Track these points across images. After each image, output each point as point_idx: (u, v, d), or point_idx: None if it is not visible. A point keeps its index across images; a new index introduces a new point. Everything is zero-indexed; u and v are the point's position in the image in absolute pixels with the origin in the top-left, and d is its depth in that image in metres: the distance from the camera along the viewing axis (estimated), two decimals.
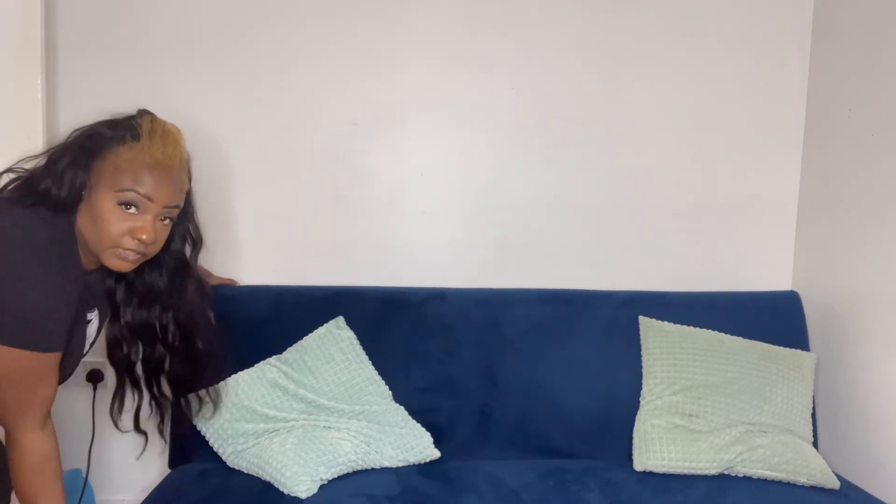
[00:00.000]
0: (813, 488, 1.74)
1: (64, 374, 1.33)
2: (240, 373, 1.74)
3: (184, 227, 1.45)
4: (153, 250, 1.33)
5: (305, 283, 1.92)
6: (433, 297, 1.91)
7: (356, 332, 1.82)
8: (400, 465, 1.71)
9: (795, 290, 2.12)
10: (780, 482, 1.74)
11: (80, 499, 1.72)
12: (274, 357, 1.78)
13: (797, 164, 2.14)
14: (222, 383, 1.68)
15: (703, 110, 2.08)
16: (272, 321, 1.82)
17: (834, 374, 2.00)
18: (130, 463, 1.87)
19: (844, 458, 1.95)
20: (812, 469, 1.74)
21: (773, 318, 2.01)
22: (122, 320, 1.45)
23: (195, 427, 1.69)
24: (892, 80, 1.81)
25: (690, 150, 2.09)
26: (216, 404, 1.65)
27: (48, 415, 1.31)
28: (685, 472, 1.72)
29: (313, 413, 1.73)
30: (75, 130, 1.31)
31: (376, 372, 1.81)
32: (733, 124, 2.10)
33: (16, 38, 1.60)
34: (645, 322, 1.93)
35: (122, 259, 1.27)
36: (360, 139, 1.91)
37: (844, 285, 1.96)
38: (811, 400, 1.91)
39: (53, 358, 1.24)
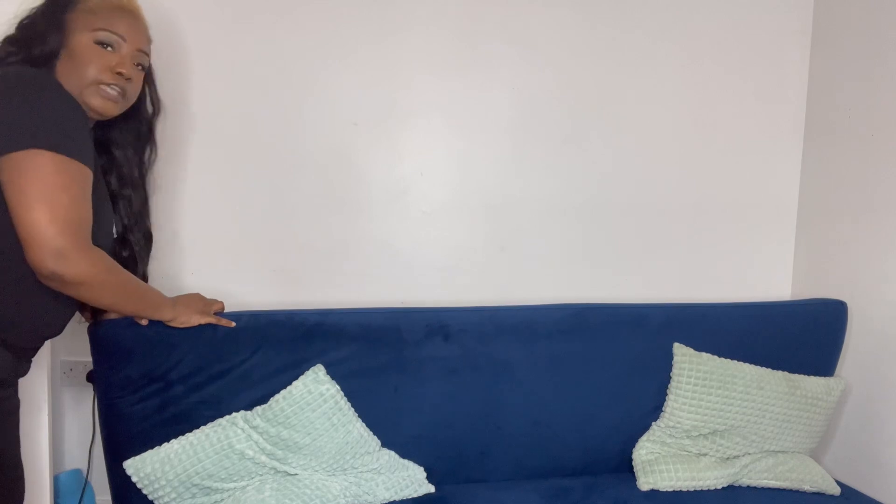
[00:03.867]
0: (815, 495, 1.75)
1: (98, 234, 1.29)
2: (197, 434, 1.47)
3: (149, 91, 1.53)
4: (132, 91, 1.38)
5: (297, 286, 1.89)
6: (433, 334, 1.66)
7: (337, 377, 1.56)
8: (394, 501, 1.58)
9: (794, 293, 2.12)
10: (785, 490, 1.75)
11: (81, 499, 1.72)
12: (241, 416, 1.51)
13: (797, 165, 2.14)
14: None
15: (704, 110, 2.08)
16: (232, 369, 1.55)
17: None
18: None
19: (843, 463, 1.95)
20: (814, 476, 1.76)
21: (815, 330, 1.91)
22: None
23: (140, 494, 1.51)
24: (892, 81, 1.81)
25: (691, 151, 2.08)
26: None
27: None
28: (692, 489, 1.72)
29: (294, 480, 1.51)
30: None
31: (365, 427, 1.58)
32: (733, 125, 2.10)
33: None
34: (680, 351, 1.79)
35: (106, 98, 1.31)
36: (360, 139, 1.91)
37: (844, 287, 1.96)
38: (826, 427, 1.87)
39: (86, 173, 1.20)
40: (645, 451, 1.76)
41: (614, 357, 1.78)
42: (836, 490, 1.77)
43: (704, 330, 1.84)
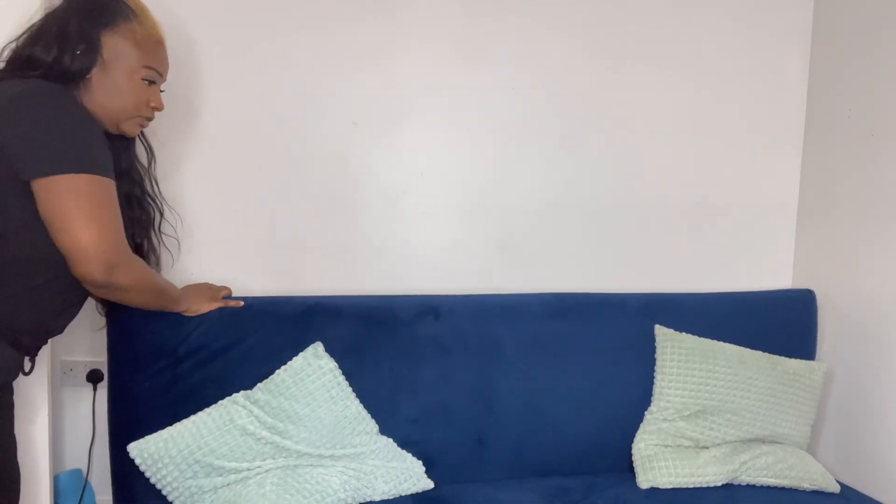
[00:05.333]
0: (814, 493, 1.75)
1: None
2: (199, 415, 1.53)
3: None
4: None
5: (298, 286, 1.89)
6: (425, 313, 1.75)
7: (335, 355, 1.63)
8: (392, 498, 1.59)
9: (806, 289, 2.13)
10: (784, 489, 1.75)
11: (81, 499, 1.72)
12: (242, 394, 1.57)
13: (797, 164, 2.14)
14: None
15: (704, 110, 2.08)
16: (235, 345, 1.63)
17: (836, 375, 2.00)
18: None
19: (841, 462, 1.95)
20: (814, 473, 1.76)
21: (787, 318, 1.99)
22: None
23: (145, 480, 1.53)
24: (892, 80, 1.81)
25: (691, 150, 2.09)
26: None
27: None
28: (692, 486, 1.72)
29: (291, 458, 1.54)
30: (56, 7, 1.34)
31: (362, 406, 1.64)
32: (733, 124, 2.10)
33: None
34: (661, 332, 1.86)
35: (140, 126, 1.43)
36: (360, 139, 1.91)
37: (845, 285, 1.97)
38: (815, 413, 1.90)
39: (114, 186, 1.28)
40: (644, 445, 1.77)
41: (596, 337, 1.84)
42: (836, 488, 1.77)
43: (679, 319, 1.91)
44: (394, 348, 1.72)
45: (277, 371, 1.61)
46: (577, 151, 2.02)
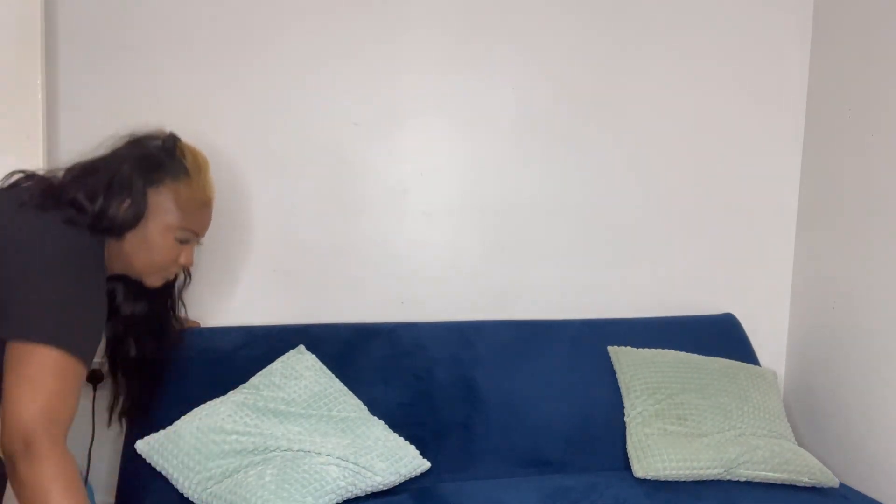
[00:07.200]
0: (814, 489, 1.75)
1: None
2: (200, 405, 1.62)
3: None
4: None
5: (298, 285, 1.92)
6: (399, 328, 1.91)
7: (327, 362, 1.77)
8: (392, 478, 1.59)
9: (794, 292, 2.12)
10: (783, 484, 1.75)
11: None
12: (238, 387, 1.69)
13: (797, 165, 2.14)
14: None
15: (704, 110, 2.08)
16: (232, 358, 1.76)
17: (835, 377, 2.00)
18: None
19: (840, 462, 1.95)
20: (812, 468, 1.75)
21: (720, 340, 2.05)
22: (121, 315, 1.46)
23: (147, 463, 1.55)
24: (893, 80, 1.81)
25: (690, 152, 2.09)
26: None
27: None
28: (688, 473, 1.71)
29: (289, 423, 1.61)
30: (116, 149, 1.31)
31: (348, 389, 1.75)
32: (733, 125, 2.10)
33: (16, 38, 1.60)
34: (613, 349, 1.97)
35: (164, 280, 1.37)
36: (361, 139, 1.91)
37: (845, 287, 1.97)
38: (783, 409, 1.92)
39: (84, 372, 1.13)
40: (636, 438, 1.78)
41: (553, 342, 1.95)
42: (835, 482, 1.76)
43: (615, 335, 2.00)
44: (379, 348, 1.85)
45: (267, 367, 1.73)
46: (577, 152, 2.03)
